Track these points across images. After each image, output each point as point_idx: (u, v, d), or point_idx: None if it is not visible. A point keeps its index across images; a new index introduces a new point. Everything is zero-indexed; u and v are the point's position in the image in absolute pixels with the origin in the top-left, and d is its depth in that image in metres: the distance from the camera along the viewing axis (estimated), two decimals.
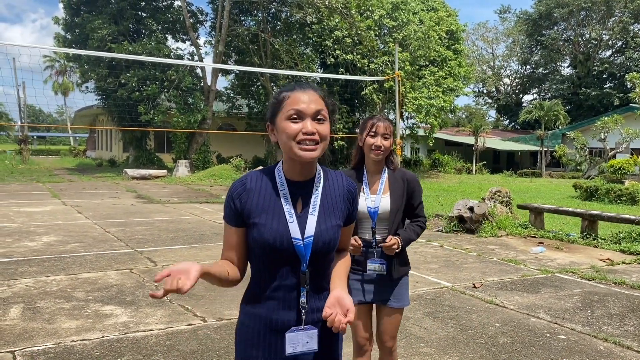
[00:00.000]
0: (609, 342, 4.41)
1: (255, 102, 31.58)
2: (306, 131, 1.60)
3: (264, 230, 1.64)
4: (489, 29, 61.42)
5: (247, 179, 1.73)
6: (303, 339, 1.67)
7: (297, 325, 1.68)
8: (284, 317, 1.68)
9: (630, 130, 29.26)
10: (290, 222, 1.66)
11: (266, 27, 28.70)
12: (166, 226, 10.15)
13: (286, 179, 1.71)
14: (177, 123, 24.95)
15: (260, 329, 1.70)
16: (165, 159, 29.64)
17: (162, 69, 25.50)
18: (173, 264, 1.53)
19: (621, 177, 24.31)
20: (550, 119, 36.82)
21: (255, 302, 1.71)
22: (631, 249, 8.20)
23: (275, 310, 1.68)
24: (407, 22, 25.94)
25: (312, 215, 1.68)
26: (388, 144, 2.77)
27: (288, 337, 1.66)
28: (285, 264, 1.66)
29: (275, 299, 1.68)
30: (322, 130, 1.63)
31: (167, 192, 17.61)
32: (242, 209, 1.68)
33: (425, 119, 26.43)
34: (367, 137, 2.76)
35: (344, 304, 1.61)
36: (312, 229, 1.67)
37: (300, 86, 1.67)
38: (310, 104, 1.62)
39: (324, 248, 1.69)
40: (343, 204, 1.77)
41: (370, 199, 2.80)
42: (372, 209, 2.79)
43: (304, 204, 1.70)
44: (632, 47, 48.45)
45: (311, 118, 1.62)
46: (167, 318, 4.78)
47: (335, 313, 1.58)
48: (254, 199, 1.68)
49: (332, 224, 1.72)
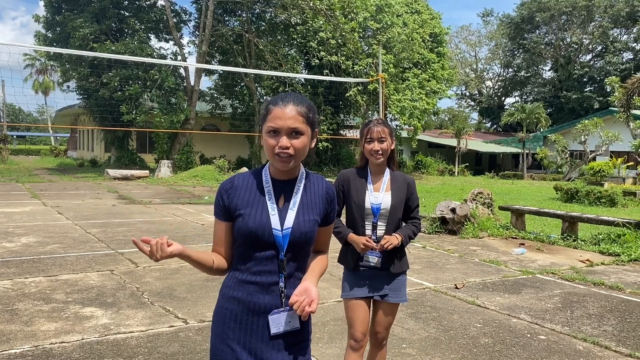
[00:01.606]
0: (587, 342, 4.47)
1: (239, 103, 31.48)
2: (281, 146, 1.77)
3: (248, 219, 1.82)
4: (472, 32, 62.11)
5: (236, 177, 1.93)
6: (286, 319, 1.84)
7: (276, 308, 1.84)
8: (262, 300, 1.83)
9: (610, 133, 29.71)
10: (272, 214, 1.84)
11: (250, 27, 28.63)
12: (148, 227, 10.06)
13: (271, 177, 1.90)
14: (160, 123, 24.76)
15: (238, 311, 1.84)
16: (148, 160, 29.39)
17: (144, 69, 25.29)
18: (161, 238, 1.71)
19: (601, 180, 24.68)
20: (531, 121, 37.24)
21: (236, 286, 1.86)
22: (610, 250, 8.31)
23: (255, 293, 1.83)
24: (391, 25, 26.06)
25: (291, 210, 1.87)
26: (385, 146, 2.92)
27: (271, 319, 1.82)
28: (265, 251, 1.83)
29: (255, 283, 1.83)
30: (297, 145, 1.79)
31: (149, 192, 17.46)
32: (229, 204, 1.87)
33: (408, 121, 26.58)
34: (364, 143, 2.95)
35: (310, 295, 1.79)
36: (291, 222, 1.85)
37: (283, 100, 1.82)
38: (286, 121, 1.77)
39: (301, 238, 1.86)
40: (322, 203, 1.95)
41: (373, 196, 2.96)
42: (375, 205, 2.94)
43: (285, 200, 1.89)
44: (611, 52, 49.24)
45: (286, 134, 1.78)
46: (148, 320, 4.73)
47: (301, 300, 1.76)
48: (241, 194, 1.87)
49: (309, 218, 1.89)
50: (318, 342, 4.29)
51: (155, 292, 5.63)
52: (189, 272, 6.54)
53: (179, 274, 6.43)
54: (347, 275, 3.02)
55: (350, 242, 2.93)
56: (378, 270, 2.96)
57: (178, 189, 18.94)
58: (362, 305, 2.95)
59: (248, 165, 28.73)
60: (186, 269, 6.68)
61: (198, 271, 6.56)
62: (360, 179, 3.00)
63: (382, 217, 2.96)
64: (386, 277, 2.98)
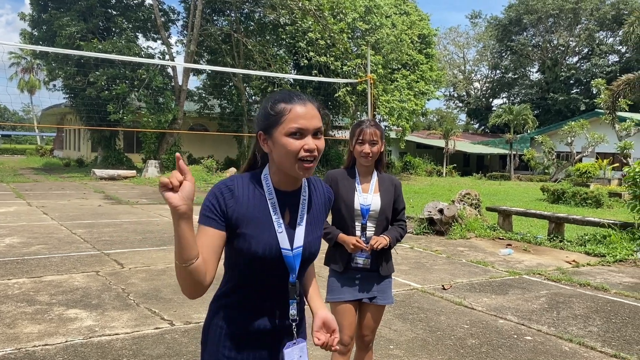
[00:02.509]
0: (573, 342, 4.49)
1: (227, 103, 31.35)
2: (308, 148, 1.56)
3: (253, 241, 1.58)
4: (460, 34, 62.41)
5: (234, 183, 1.64)
6: (297, 354, 1.67)
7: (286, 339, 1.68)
8: (263, 325, 1.65)
9: (596, 134, 29.98)
10: (279, 232, 1.61)
11: (239, 27, 28.54)
12: (134, 228, 9.98)
13: (274, 188, 1.66)
14: (147, 123, 24.59)
15: (234, 331, 1.65)
16: (135, 159, 29.18)
17: (132, 68, 25.10)
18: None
19: (587, 181, 24.89)
20: (519, 123, 37.50)
21: (239, 308, 1.65)
22: (596, 251, 8.38)
23: (262, 320, 1.65)
24: (379, 26, 26.10)
25: (300, 226, 1.66)
26: (376, 149, 2.90)
27: (286, 352, 1.65)
28: (273, 275, 1.63)
29: (262, 309, 1.65)
30: (320, 145, 1.61)
31: (136, 193, 17.33)
32: (229, 216, 1.59)
33: (397, 122, 26.63)
34: (355, 144, 2.91)
35: (330, 326, 1.69)
36: (301, 240, 1.65)
37: (299, 98, 1.62)
38: (312, 120, 1.59)
39: (310, 258, 1.70)
40: (324, 212, 1.80)
41: (362, 197, 2.93)
42: (364, 206, 2.92)
43: (291, 214, 1.67)
44: (597, 54, 49.74)
45: (312, 135, 1.59)
46: (133, 322, 4.68)
47: (326, 339, 1.67)
48: (242, 207, 1.60)
49: (318, 234, 1.73)
50: None
51: (141, 293, 5.58)
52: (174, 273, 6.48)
53: (165, 275, 6.38)
54: (335, 277, 2.98)
55: (340, 243, 2.90)
56: (367, 272, 2.94)
57: None
58: (350, 309, 2.93)
59: (236, 165, 28.62)
60: (172, 270, 6.60)
61: None
62: (348, 180, 2.97)
63: (371, 218, 2.95)
64: (375, 279, 2.97)
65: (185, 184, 1.42)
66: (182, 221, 1.42)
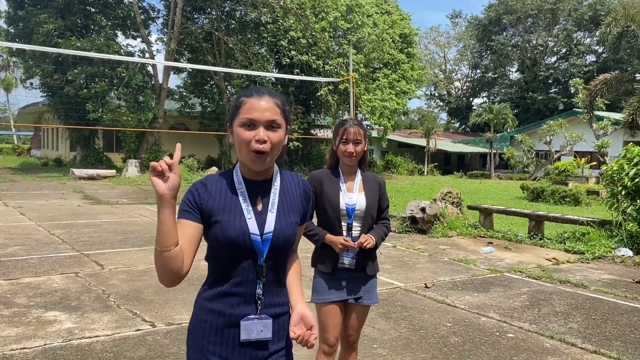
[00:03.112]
0: (554, 339, 4.54)
1: (208, 101, 31.15)
2: (259, 138, 1.65)
3: (226, 227, 1.68)
4: (440, 33, 62.86)
5: (207, 180, 1.78)
6: (258, 327, 1.72)
7: (252, 314, 1.74)
8: (243, 311, 1.72)
9: (574, 133, 30.44)
10: (249, 218, 1.71)
11: (220, 25, 28.35)
12: (114, 228, 9.85)
13: (244, 178, 1.77)
14: (127, 122, 24.30)
15: (219, 324, 1.72)
16: (114, 159, 28.82)
17: (111, 66, 24.79)
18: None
19: (565, 179, 25.25)
20: (499, 122, 37.88)
21: (216, 298, 1.73)
22: (575, 249, 8.49)
23: (236, 305, 1.72)
24: (361, 25, 26.15)
25: (271, 212, 1.74)
26: (360, 149, 2.90)
27: (243, 324, 1.71)
28: (245, 259, 1.71)
29: (236, 294, 1.72)
30: (274, 139, 1.68)
31: (116, 192, 17.12)
32: (202, 208, 1.70)
33: (379, 121, 26.70)
34: (339, 144, 2.89)
35: (308, 322, 1.74)
36: (272, 226, 1.72)
37: (258, 92, 1.71)
38: (264, 113, 1.67)
39: (285, 243, 1.76)
40: (300, 202, 1.85)
41: (347, 197, 2.92)
42: (349, 205, 2.91)
43: (263, 202, 1.76)
44: (575, 54, 50.50)
45: (264, 127, 1.67)
46: (114, 323, 4.61)
47: (302, 333, 1.71)
48: (215, 199, 1.72)
49: (291, 220, 1.79)
50: None
51: (122, 294, 5.50)
52: (156, 274, 6.41)
53: (146, 276, 6.30)
54: (321, 278, 2.95)
55: (328, 243, 2.88)
56: (354, 273, 2.93)
57: (146, 189, 18.62)
58: (336, 310, 2.91)
59: (218, 164, 28.45)
60: (153, 271, 6.52)
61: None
62: (333, 180, 2.95)
63: (357, 217, 2.93)
64: (361, 279, 2.96)
65: (171, 176, 1.56)
66: (166, 208, 1.55)
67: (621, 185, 8.53)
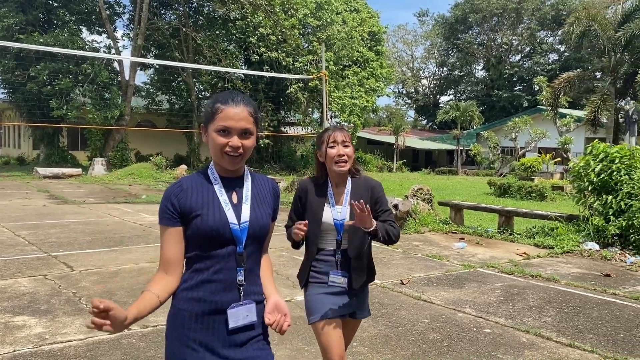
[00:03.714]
0: (530, 333, 4.61)
1: (176, 98, 30.74)
2: (232, 145, 1.80)
3: (207, 218, 1.80)
4: (408, 32, 63.37)
5: (182, 181, 1.90)
6: (243, 313, 1.83)
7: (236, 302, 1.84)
8: (224, 298, 1.82)
9: (538, 130, 31.12)
10: (227, 210, 1.84)
11: (188, 21, 27.98)
12: (83, 228, 9.60)
13: (219, 175, 1.91)
14: (93, 119, 23.78)
15: (199, 311, 1.81)
16: (80, 157, 28.17)
17: (76, 62, 24.20)
18: (109, 305, 1.57)
19: (531, 175, 25.78)
20: (465, 119, 38.42)
21: (197, 287, 1.82)
22: (544, 243, 8.66)
23: (218, 292, 1.82)
24: (330, 22, 26.19)
25: (245, 204, 1.89)
26: (350, 151, 2.69)
27: (230, 313, 1.81)
28: (224, 247, 1.82)
29: (216, 281, 1.82)
30: (247, 144, 1.84)
31: (83, 192, 16.72)
32: (182, 207, 1.82)
33: (348, 118, 26.80)
34: (327, 149, 2.67)
35: (282, 309, 1.89)
36: (247, 216, 1.86)
37: (233, 100, 1.83)
38: (239, 122, 1.81)
39: (261, 231, 1.90)
40: (271, 198, 2.01)
41: (336, 211, 2.69)
42: (338, 220, 2.67)
43: (237, 196, 1.90)
44: (538, 53, 51.62)
45: (238, 135, 1.81)
46: (86, 327, 4.48)
47: (278, 319, 1.85)
48: (193, 195, 1.84)
49: (265, 211, 1.94)
50: None
51: (94, 297, 5.36)
52: (129, 274, 6.28)
53: (118, 277, 6.15)
54: (314, 296, 2.71)
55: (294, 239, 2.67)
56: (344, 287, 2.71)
57: (113, 188, 18.25)
58: (336, 327, 2.67)
59: (187, 162, 28.09)
60: (125, 272, 6.40)
61: (139, 274, 6.26)
62: (319, 193, 2.73)
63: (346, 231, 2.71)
64: (356, 292, 2.74)
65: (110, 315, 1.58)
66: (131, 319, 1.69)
67: (588, 181, 8.74)
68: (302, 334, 4.44)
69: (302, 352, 4.10)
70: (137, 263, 6.89)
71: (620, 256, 7.83)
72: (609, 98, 21.75)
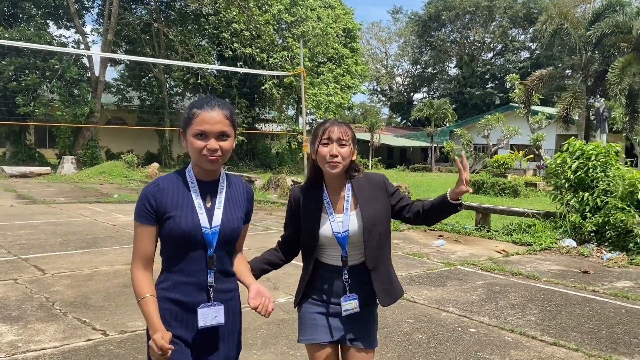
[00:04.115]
0: (515, 332, 4.59)
1: (147, 95, 30.21)
2: (210, 148, 1.87)
3: (180, 221, 1.89)
4: (382, 29, 63.57)
5: (159, 180, 1.99)
6: (212, 314, 1.93)
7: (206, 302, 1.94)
8: (197, 298, 1.92)
9: (510, 127, 31.51)
10: (200, 213, 1.92)
11: (159, 16, 27.51)
12: (53, 229, 9.30)
13: (196, 178, 1.98)
14: (62, 116, 23.19)
15: (178, 311, 1.92)
16: (48, 155, 27.44)
17: (43, 57, 23.54)
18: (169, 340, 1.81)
19: (504, 171, 26.11)
20: (439, 116, 38.73)
21: (173, 288, 1.93)
22: (522, 240, 8.72)
23: (192, 293, 1.92)
24: (305, 18, 26.04)
25: (218, 209, 1.96)
26: (346, 152, 2.20)
27: (200, 312, 1.91)
28: (196, 250, 1.91)
29: (190, 283, 1.92)
30: (225, 147, 1.91)
31: (52, 191, 16.27)
32: (157, 207, 1.91)
33: (324, 115, 26.72)
34: (319, 146, 2.19)
35: (264, 294, 1.98)
36: (219, 220, 1.94)
37: (209, 104, 1.90)
38: (215, 125, 1.88)
39: (231, 234, 1.98)
40: (244, 201, 2.07)
41: (336, 222, 2.23)
42: (340, 233, 2.22)
43: (211, 199, 1.97)
44: (510, 50, 52.35)
45: (215, 137, 1.88)
46: (61, 334, 4.29)
47: (263, 302, 1.95)
48: (168, 196, 1.92)
49: (237, 215, 2.01)
50: (252, 349, 4.09)
51: (68, 301, 5.16)
52: (104, 277, 6.07)
53: (92, 281, 5.94)
54: (308, 314, 2.32)
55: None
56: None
57: (84, 187, 17.81)
58: (327, 354, 2.28)
59: (158, 160, 27.62)
60: (100, 275, 6.20)
61: (114, 277, 6.06)
62: (314, 201, 2.29)
63: (355, 244, 2.25)
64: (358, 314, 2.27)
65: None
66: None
67: (564, 178, 8.83)
68: (286, 337, 4.34)
69: (286, 356, 4.00)
70: (112, 265, 6.68)
71: (597, 252, 7.92)
72: (580, 95, 22.11)
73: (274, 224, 10.40)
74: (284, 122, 29.60)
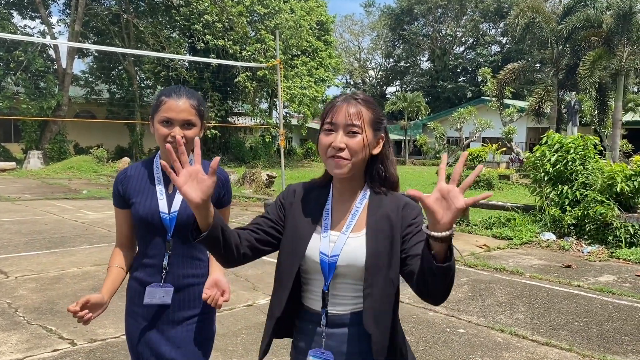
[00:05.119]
0: (505, 332, 4.45)
1: (117, 87, 29.41)
2: (174, 135, 1.90)
3: (139, 207, 1.97)
4: (355, 22, 63.35)
5: (129, 168, 2.09)
6: (160, 294, 1.97)
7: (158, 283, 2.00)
8: (154, 279, 1.99)
9: (483, 120, 31.72)
10: (160, 199, 1.97)
11: (128, 7, 26.76)
12: (18, 228, 8.86)
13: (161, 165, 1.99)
14: (27, 110, 22.37)
15: (140, 290, 1.99)
16: (14, 150, 26.48)
17: (6, 49, 22.66)
18: (84, 301, 1.83)
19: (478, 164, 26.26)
20: (412, 110, 38.81)
21: (138, 268, 2.03)
22: (502, 234, 8.65)
23: (153, 274, 1.99)
24: (278, 10, 25.63)
25: (179, 195, 1.97)
26: (357, 144, 1.48)
27: (147, 290, 1.97)
28: (157, 235, 1.98)
29: (151, 265, 2.00)
30: (189, 135, 1.92)
31: (17, 187, 15.65)
32: (124, 193, 2.02)
33: (298, 109, 26.44)
34: (320, 134, 1.54)
35: (221, 285, 1.99)
36: (178, 206, 1.97)
37: (176, 93, 1.94)
38: (180, 113, 1.91)
39: (188, 220, 1.92)
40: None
41: (328, 239, 1.53)
42: (326, 257, 1.51)
43: (173, 185, 1.95)
44: (482, 44, 52.77)
45: (180, 125, 1.91)
46: (25, 344, 3.98)
47: (213, 295, 1.93)
48: (133, 183, 2.02)
49: None
50: (232, 356, 3.85)
51: (33, 307, 4.82)
52: (72, 280, 5.74)
53: (60, 284, 5.61)
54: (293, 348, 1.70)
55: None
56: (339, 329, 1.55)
57: (51, 183, 17.20)
58: None
59: (129, 154, 26.96)
60: (68, 277, 5.86)
61: (83, 279, 5.71)
62: (312, 205, 1.60)
63: (346, 279, 1.51)
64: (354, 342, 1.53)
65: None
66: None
67: (543, 171, 8.77)
68: None
69: None
70: (81, 266, 6.34)
71: (577, 246, 7.89)
72: (552, 89, 22.34)
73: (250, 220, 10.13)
74: (257, 116, 29.20)
